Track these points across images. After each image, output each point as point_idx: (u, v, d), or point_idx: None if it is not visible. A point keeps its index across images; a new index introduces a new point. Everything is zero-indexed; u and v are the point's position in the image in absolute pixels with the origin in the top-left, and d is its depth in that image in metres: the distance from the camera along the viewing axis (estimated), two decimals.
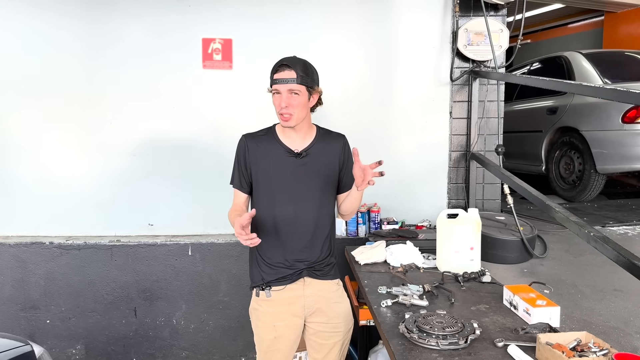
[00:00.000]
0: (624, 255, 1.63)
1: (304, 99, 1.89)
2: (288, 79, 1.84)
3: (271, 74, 1.90)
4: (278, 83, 1.85)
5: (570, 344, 1.45)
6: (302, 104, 1.89)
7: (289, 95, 1.85)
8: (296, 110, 1.87)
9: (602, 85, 3.97)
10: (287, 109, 1.86)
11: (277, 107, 1.88)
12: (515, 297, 1.82)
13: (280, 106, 1.86)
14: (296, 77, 1.84)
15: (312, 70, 1.92)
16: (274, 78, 1.87)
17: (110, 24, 3.16)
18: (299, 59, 1.91)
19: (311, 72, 1.91)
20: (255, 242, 1.72)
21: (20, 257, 3.16)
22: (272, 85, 1.88)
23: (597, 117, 4.11)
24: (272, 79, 1.88)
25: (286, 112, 1.86)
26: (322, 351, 2.07)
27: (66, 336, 3.23)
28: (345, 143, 2.07)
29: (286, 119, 1.88)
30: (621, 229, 3.32)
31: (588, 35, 8.66)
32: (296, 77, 1.84)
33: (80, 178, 3.25)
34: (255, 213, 2.00)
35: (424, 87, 3.31)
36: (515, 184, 2.59)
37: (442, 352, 1.51)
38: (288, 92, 1.85)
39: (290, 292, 1.99)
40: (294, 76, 1.84)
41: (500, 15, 3.25)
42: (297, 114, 1.88)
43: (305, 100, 1.90)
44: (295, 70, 1.85)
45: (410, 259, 2.45)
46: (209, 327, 3.28)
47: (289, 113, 1.86)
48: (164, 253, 3.22)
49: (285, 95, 1.85)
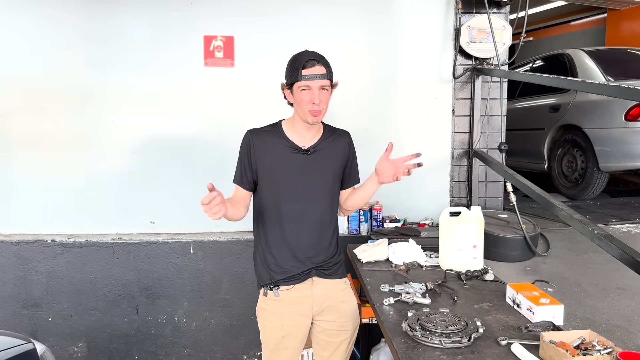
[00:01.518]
0: (628, 253, 1.62)
1: (330, 95, 1.90)
2: (319, 74, 1.82)
3: (295, 69, 1.84)
4: (310, 79, 1.82)
5: (574, 343, 1.44)
6: (329, 100, 1.90)
7: (320, 91, 1.84)
8: (324, 106, 1.87)
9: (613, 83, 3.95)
10: (319, 105, 1.84)
11: (306, 103, 1.84)
12: (519, 296, 1.82)
13: (313, 102, 1.83)
14: (326, 72, 1.84)
15: (330, 64, 1.91)
16: (304, 74, 1.82)
17: (111, 21, 3.16)
18: (320, 54, 1.90)
19: (331, 67, 1.90)
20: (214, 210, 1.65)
21: (22, 255, 3.16)
22: (301, 81, 1.82)
23: (600, 114, 4.10)
24: (301, 75, 1.82)
25: (318, 108, 1.84)
26: (329, 349, 2.07)
27: (68, 334, 3.23)
28: (350, 140, 2.08)
29: (316, 115, 1.86)
30: (624, 226, 3.31)
31: (591, 32, 8.64)
32: (326, 72, 1.84)
33: (82, 176, 3.24)
34: (262, 210, 1.99)
35: (426, 85, 3.29)
36: (518, 181, 2.58)
37: (446, 351, 1.50)
38: (319, 88, 1.83)
39: (298, 291, 1.98)
40: (324, 72, 1.84)
41: (503, 12, 3.24)
42: (324, 110, 1.88)
43: (330, 95, 1.90)
44: (324, 66, 1.85)
45: (412, 257, 2.44)
46: (211, 325, 3.28)
47: (320, 109, 1.85)
48: (166, 251, 3.22)
49: (317, 92, 1.83)
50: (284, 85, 1.91)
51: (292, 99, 1.90)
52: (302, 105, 1.86)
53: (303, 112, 1.87)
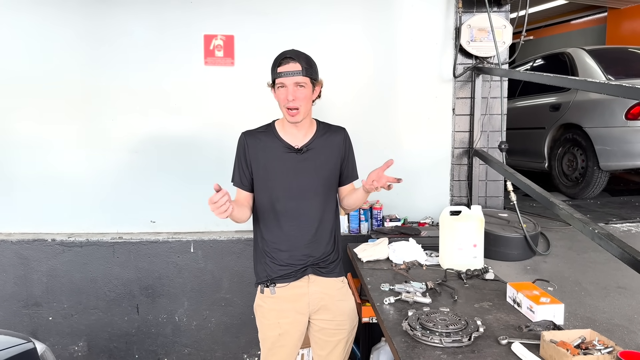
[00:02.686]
0: (628, 252, 1.62)
1: (309, 92, 1.89)
2: (294, 71, 1.83)
3: (273, 68, 1.88)
4: (283, 76, 1.83)
5: (574, 342, 1.44)
6: (308, 97, 1.88)
7: (295, 88, 1.84)
8: (302, 103, 1.86)
9: (614, 82, 3.95)
10: (294, 102, 1.84)
11: (282, 101, 1.86)
12: (519, 295, 1.82)
13: (287, 99, 1.84)
14: (301, 69, 1.83)
15: (313, 62, 1.92)
16: (279, 71, 1.84)
17: (111, 20, 3.15)
18: (301, 51, 1.90)
19: (314, 64, 1.91)
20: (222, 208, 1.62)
21: (22, 254, 3.16)
22: (277, 79, 1.85)
23: (600, 113, 4.10)
24: (276, 73, 1.85)
25: (293, 105, 1.84)
26: (327, 348, 2.07)
27: (68, 333, 3.23)
28: (346, 136, 2.08)
29: (293, 113, 1.86)
30: (624, 226, 3.31)
31: (591, 31, 8.63)
32: (301, 69, 1.83)
33: (82, 175, 3.24)
34: (259, 210, 2.00)
35: (426, 84, 3.29)
36: (518, 180, 2.58)
37: (446, 350, 1.50)
38: (294, 85, 1.84)
39: (294, 289, 1.99)
40: (299, 68, 1.83)
41: (504, 11, 3.23)
42: (303, 107, 1.87)
43: (310, 93, 1.89)
44: (300, 63, 1.84)
45: (412, 256, 2.44)
46: (211, 324, 3.28)
47: (296, 107, 1.85)
48: (166, 250, 3.22)
49: (291, 89, 1.83)
50: (270, 85, 1.93)
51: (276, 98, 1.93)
52: (280, 102, 1.89)
53: (283, 110, 1.90)
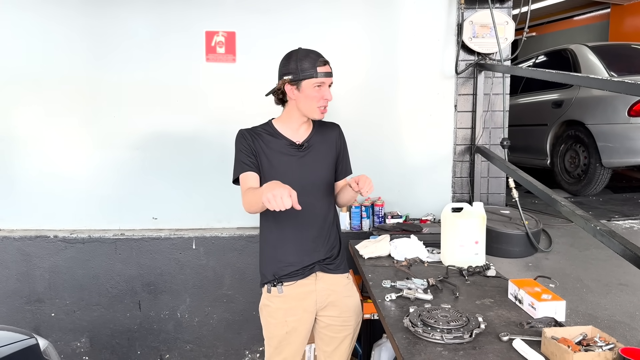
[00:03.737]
0: (630, 249, 1.61)
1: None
2: (330, 72, 1.93)
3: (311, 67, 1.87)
4: (324, 76, 1.90)
5: (576, 339, 1.44)
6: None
7: (329, 89, 1.94)
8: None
9: (616, 78, 3.93)
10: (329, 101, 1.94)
11: (317, 100, 1.91)
12: (521, 291, 1.81)
13: (325, 99, 1.92)
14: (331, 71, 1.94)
15: None
16: (320, 71, 1.88)
17: (113, 17, 3.15)
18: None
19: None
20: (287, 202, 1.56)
21: (25, 250, 3.17)
22: (317, 78, 1.88)
23: (602, 110, 4.08)
24: (317, 72, 1.88)
25: (326, 104, 1.94)
26: (332, 344, 2.08)
27: (71, 329, 3.24)
28: (340, 132, 2.13)
29: (324, 111, 1.95)
30: (627, 222, 3.30)
31: (594, 27, 8.60)
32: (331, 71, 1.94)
33: (84, 172, 3.25)
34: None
35: (428, 80, 3.29)
36: (520, 177, 2.57)
37: (447, 346, 1.50)
38: (328, 86, 1.94)
39: (302, 287, 1.99)
40: (331, 71, 1.94)
41: (506, 7, 3.22)
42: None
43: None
44: (330, 66, 1.94)
45: (414, 253, 2.44)
46: (213, 321, 3.29)
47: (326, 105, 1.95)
48: (168, 247, 3.22)
49: (328, 89, 1.93)
50: (285, 81, 1.90)
51: (295, 95, 1.91)
52: (312, 101, 1.91)
53: (311, 108, 1.92)
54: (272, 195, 1.53)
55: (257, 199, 1.71)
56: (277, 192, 1.53)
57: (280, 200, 1.53)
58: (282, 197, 1.53)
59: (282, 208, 1.54)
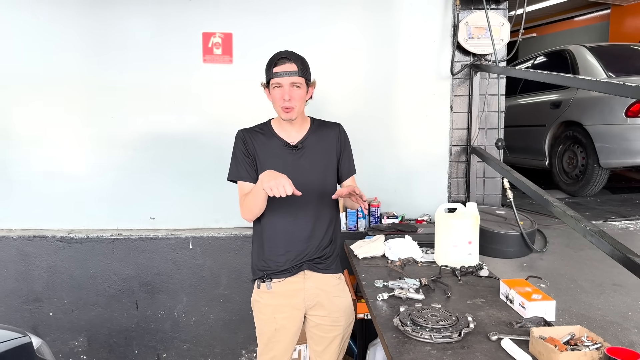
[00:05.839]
0: (619, 249, 1.62)
1: (304, 92, 1.94)
2: (290, 71, 1.87)
3: (269, 68, 1.92)
4: (280, 76, 1.87)
5: (563, 338, 1.45)
6: (302, 97, 1.94)
7: (291, 88, 1.89)
8: (297, 103, 1.91)
9: (606, 79, 3.93)
10: (290, 102, 1.89)
11: (278, 100, 1.90)
12: (512, 291, 1.82)
13: (283, 99, 1.88)
14: (297, 69, 1.88)
15: (307, 63, 1.96)
16: (275, 71, 1.88)
17: (111, 18, 3.17)
18: (295, 52, 1.94)
19: (307, 66, 1.96)
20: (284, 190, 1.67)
21: (23, 250, 3.19)
22: (273, 79, 1.89)
23: (600, 111, 4.08)
24: (272, 73, 1.89)
25: (289, 105, 1.89)
26: (322, 344, 2.09)
27: (69, 328, 3.26)
28: (341, 131, 2.11)
29: (288, 111, 1.91)
30: (623, 223, 3.30)
31: (594, 28, 8.59)
32: (297, 69, 1.88)
33: (82, 172, 3.27)
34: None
35: (424, 81, 3.29)
36: (514, 178, 2.58)
37: (436, 345, 1.51)
38: (290, 85, 1.88)
39: (290, 284, 2.01)
40: (295, 69, 1.88)
41: (502, 8, 3.23)
42: (298, 106, 1.92)
43: (305, 93, 1.95)
44: (296, 63, 1.89)
45: (408, 253, 2.44)
46: (210, 320, 3.30)
47: (292, 106, 1.89)
48: (165, 246, 3.24)
49: (287, 88, 1.88)
50: (264, 85, 1.96)
51: (270, 98, 1.96)
52: (275, 102, 1.93)
53: (277, 109, 1.94)
54: (275, 183, 1.66)
55: (256, 196, 1.82)
56: (278, 181, 1.66)
57: (282, 188, 1.65)
58: (283, 185, 1.66)
59: (284, 194, 1.66)
